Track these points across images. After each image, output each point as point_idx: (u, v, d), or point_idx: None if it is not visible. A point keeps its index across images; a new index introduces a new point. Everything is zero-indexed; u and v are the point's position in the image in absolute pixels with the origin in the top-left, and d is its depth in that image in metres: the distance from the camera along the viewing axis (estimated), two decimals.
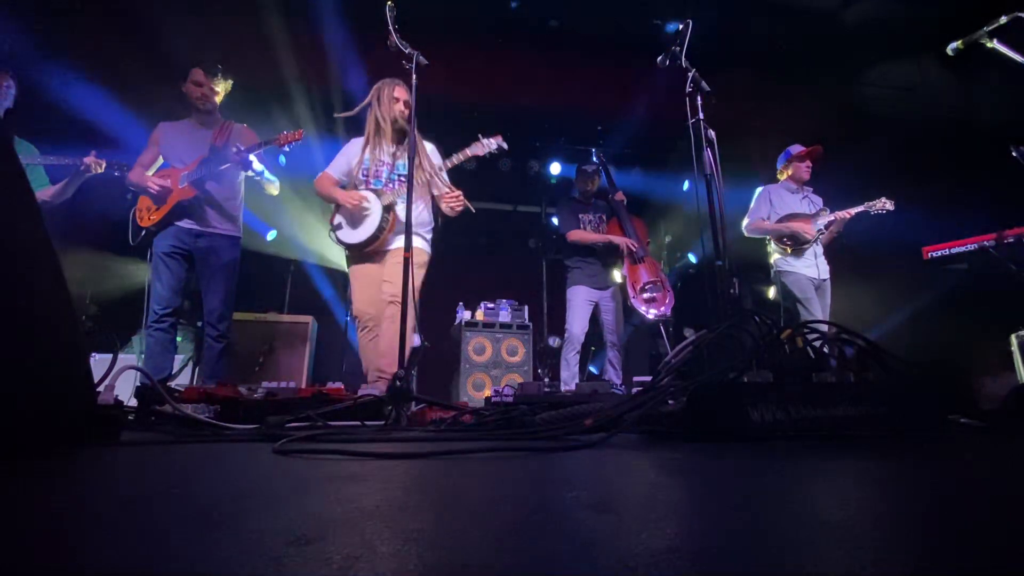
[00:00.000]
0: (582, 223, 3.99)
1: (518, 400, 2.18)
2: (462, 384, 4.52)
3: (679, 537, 0.41)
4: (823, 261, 3.72)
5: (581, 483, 0.70)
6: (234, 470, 0.86)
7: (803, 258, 3.69)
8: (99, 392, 1.38)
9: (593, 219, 4.02)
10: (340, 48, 4.55)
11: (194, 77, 3.10)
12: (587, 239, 3.91)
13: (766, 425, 1.18)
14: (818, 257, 3.71)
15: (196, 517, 0.49)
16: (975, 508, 0.52)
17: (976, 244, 3.31)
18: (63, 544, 0.40)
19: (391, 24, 2.44)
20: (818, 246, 3.73)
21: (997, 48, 2.49)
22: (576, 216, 4.01)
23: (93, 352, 3.45)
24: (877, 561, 0.34)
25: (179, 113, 3.24)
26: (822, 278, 3.68)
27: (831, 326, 1.52)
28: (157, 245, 2.99)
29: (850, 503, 0.56)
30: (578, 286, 3.88)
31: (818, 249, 3.74)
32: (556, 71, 5.06)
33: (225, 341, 3.01)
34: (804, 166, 3.89)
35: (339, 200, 2.79)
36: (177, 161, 3.05)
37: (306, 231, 5.79)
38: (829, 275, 3.72)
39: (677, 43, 2.69)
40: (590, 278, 3.88)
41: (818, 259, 3.71)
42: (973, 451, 1.06)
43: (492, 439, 1.24)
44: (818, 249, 3.74)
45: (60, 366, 0.98)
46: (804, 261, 3.68)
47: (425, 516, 0.48)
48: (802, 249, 3.67)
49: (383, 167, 2.85)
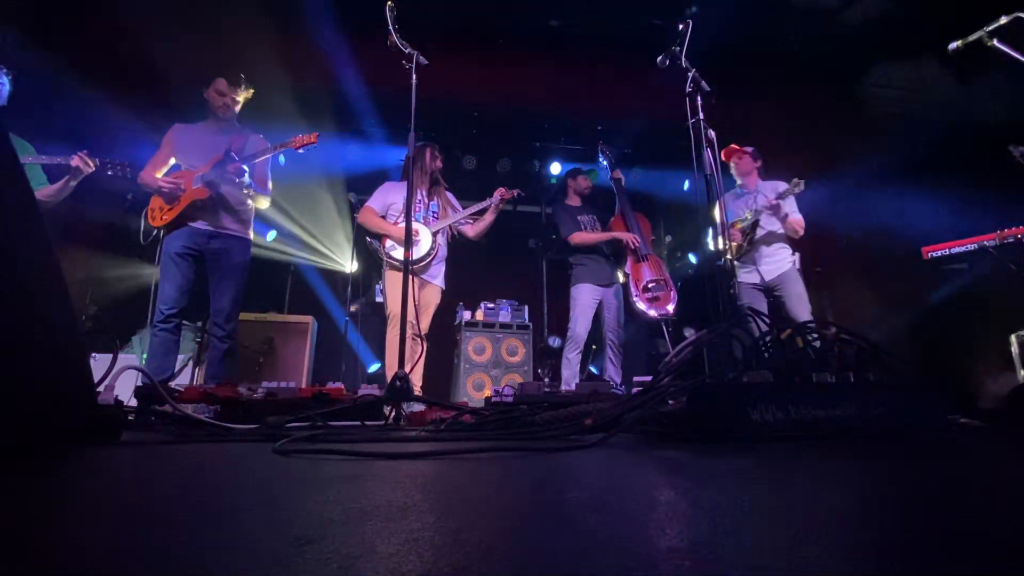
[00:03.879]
0: (583, 224, 3.99)
1: (518, 400, 2.18)
2: (462, 384, 4.52)
3: (679, 537, 0.41)
4: (771, 261, 3.54)
5: (581, 483, 0.70)
6: (234, 470, 0.86)
7: (744, 265, 3.56)
8: (99, 392, 1.38)
9: (588, 220, 4.01)
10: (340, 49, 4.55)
11: (217, 86, 3.14)
12: (591, 239, 3.89)
13: (766, 425, 1.18)
14: (760, 261, 3.54)
15: (196, 517, 0.49)
16: (975, 508, 0.52)
17: (976, 244, 3.30)
18: (63, 544, 0.39)
19: (391, 24, 2.44)
20: (764, 248, 3.56)
21: (997, 48, 2.49)
22: (576, 219, 4.01)
23: (93, 352, 3.44)
24: (877, 561, 0.34)
25: (195, 115, 3.26)
26: (767, 280, 3.52)
27: (831, 326, 1.52)
28: (168, 244, 2.97)
29: (850, 503, 0.56)
30: (583, 284, 3.84)
31: (764, 251, 3.56)
32: (556, 71, 5.06)
33: (231, 342, 3.01)
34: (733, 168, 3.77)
35: (392, 233, 3.39)
36: (190, 163, 3.04)
37: (306, 231, 5.80)
38: (787, 268, 3.51)
39: (677, 43, 2.69)
40: (595, 275, 3.85)
41: (760, 263, 3.54)
42: (973, 451, 1.06)
43: (492, 439, 1.24)
44: (764, 251, 3.56)
45: (60, 366, 0.98)
46: (745, 268, 3.56)
47: (425, 516, 0.48)
48: (743, 256, 3.52)
49: (420, 206, 3.55)
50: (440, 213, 3.59)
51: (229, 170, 2.95)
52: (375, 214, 3.52)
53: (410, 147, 2.52)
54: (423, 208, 3.55)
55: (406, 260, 2.45)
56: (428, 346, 3.30)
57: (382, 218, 3.52)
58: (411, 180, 2.49)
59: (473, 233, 3.67)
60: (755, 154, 3.80)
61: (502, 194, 3.56)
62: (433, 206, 3.61)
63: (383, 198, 3.60)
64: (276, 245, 5.49)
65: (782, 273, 3.54)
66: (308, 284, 5.88)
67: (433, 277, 3.54)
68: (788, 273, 3.54)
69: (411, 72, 2.51)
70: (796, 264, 3.60)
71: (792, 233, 3.55)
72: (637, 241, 3.79)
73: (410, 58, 2.50)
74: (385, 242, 3.45)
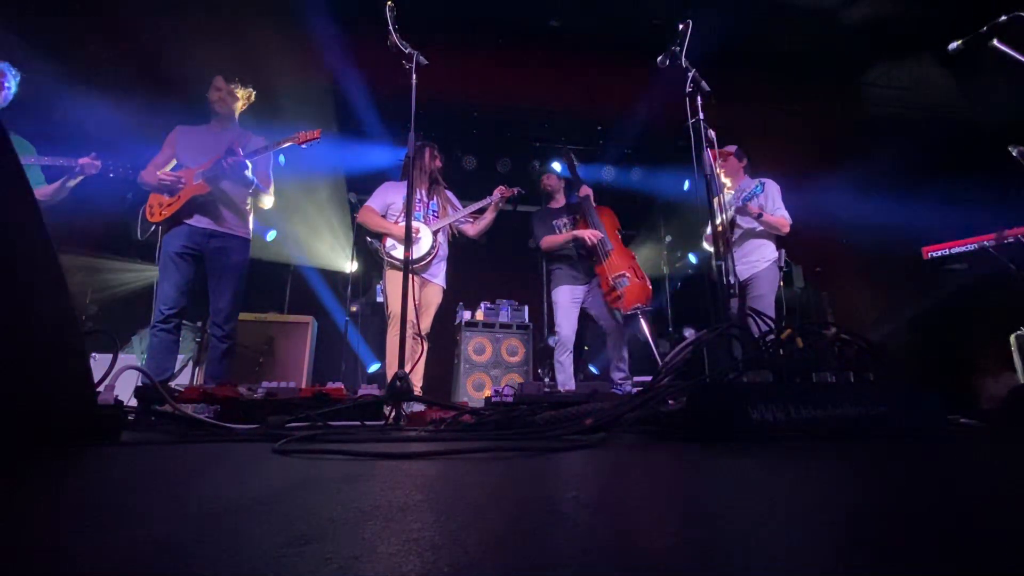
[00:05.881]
0: (556, 228, 3.94)
1: (518, 400, 2.18)
2: (462, 384, 4.52)
3: (679, 537, 0.41)
4: (747, 261, 3.48)
5: (581, 483, 0.70)
6: (234, 470, 0.86)
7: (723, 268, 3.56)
8: (99, 392, 1.38)
9: (562, 223, 3.95)
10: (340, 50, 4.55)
11: (215, 84, 3.20)
12: (557, 241, 3.85)
13: (766, 425, 1.18)
14: (741, 259, 3.48)
15: (196, 517, 0.49)
16: (974, 508, 0.52)
17: (976, 244, 3.31)
18: (63, 544, 0.39)
19: (391, 24, 2.44)
20: (743, 246, 3.51)
21: (997, 47, 2.49)
22: (549, 223, 3.94)
23: (93, 352, 3.44)
24: (877, 561, 0.34)
25: (199, 118, 3.28)
26: (741, 279, 3.40)
27: (831, 326, 1.52)
28: (167, 244, 2.97)
29: (850, 503, 0.56)
30: (561, 286, 3.81)
31: (745, 248, 3.51)
32: (556, 71, 5.06)
33: (230, 342, 3.01)
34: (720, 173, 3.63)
35: (392, 232, 3.41)
36: (191, 162, 3.04)
37: (306, 231, 5.80)
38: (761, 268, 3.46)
39: (677, 43, 2.69)
40: (571, 276, 3.80)
41: (738, 263, 3.42)
42: (973, 451, 1.06)
43: (492, 439, 1.24)
44: (745, 248, 3.51)
45: (60, 366, 0.98)
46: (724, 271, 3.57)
47: (425, 516, 0.48)
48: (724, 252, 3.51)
49: (420, 205, 3.56)
50: (440, 212, 3.62)
51: (230, 162, 2.95)
52: (375, 214, 3.55)
53: (410, 147, 2.52)
54: (423, 207, 3.58)
55: (406, 259, 2.45)
56: (428, 346, 3.30)
57: (382, 218, 3.55)
58: (411, 179, 2.49)
59: (474, 232, 3.69)
60: (739, 153, 3.73)
61: (502, 192, 3.59)
62: (433, 205, 3.64)
63: (383, 198, 3.62)
64: (276, 245, 5.49)
65: (755, 273, 3.47)
66: (308, 284, 5.87)
67: (434, 276, 3.55)
68: (761, 274, 3.47)
69: (411, 72, 2.51)
70: (776, 263, 3.49)
71: (773, 231, 3.47)
72: (596, 237, 3.67)
73: (410, 58, 2.50)
74: (385, 241, 3.47)
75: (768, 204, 3.50)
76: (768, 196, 3.51)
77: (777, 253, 3.52)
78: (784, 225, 3.46)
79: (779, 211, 3.50)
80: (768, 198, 3.51)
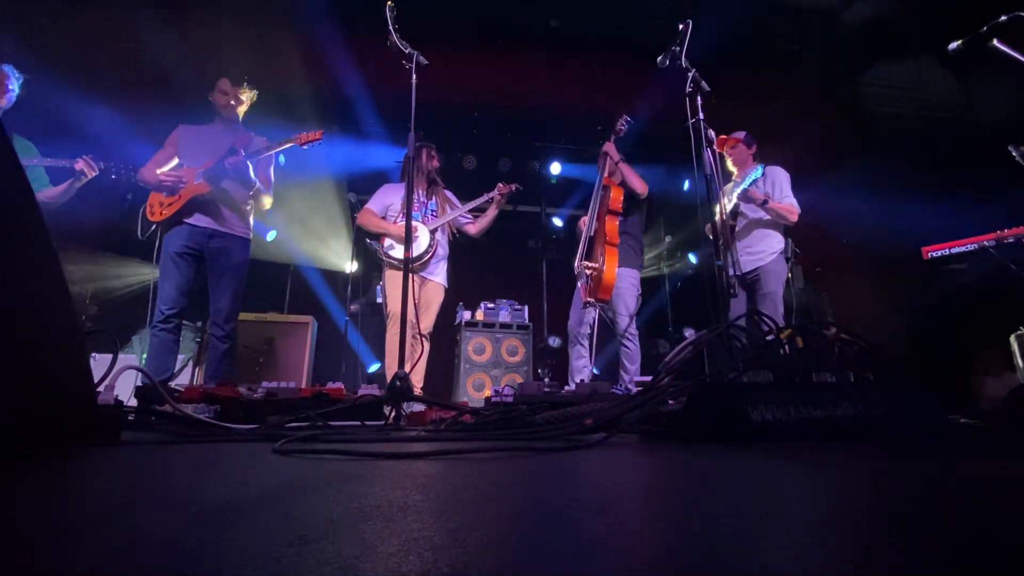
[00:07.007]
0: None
1: (518, 400, 2.18)
2: (462, 384, 4.52)
3: (679, 537, 0.41)
4: (751, 252, 3.36)
5: (581, 483, 0.70)
6: (234, 470, 0.86)
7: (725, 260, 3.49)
8: (99, 392, 1.38)
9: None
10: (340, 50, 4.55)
11: (221, 86, 3.21)
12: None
13: (766, 425, 1.18)
14: (741, 251, 3.36)
15: (196, 517, 0.49)
16: (973, 508, 0.52)
17: (976, 244, 3.31)
18: (63, 544, 0.40)
19: (391, 24, 2.44)
20: (748, 236, 3.41)
21: (997, 47, 2.49)
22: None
23: (93, 352, 3.44)
24: (877, 560, 0.34)
25: (201, 118, 3.28)
26: (744, 271, 3.32)
27: (831, 326, 1.52)
28: (168, 244, 2.96)
29: (850, 503, 0.56)
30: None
31: (750, 239, 3.41)
32: (556, 71, 5.06)
33: (230, 342, 3.01)
34: (728, 160, 3.60)
35: (390, 231, 3.45)
36: (193, 161, 3.04)
37: (306, 231, 5.79)
38: (767, 260, 3.32)
39: (677, 43, 2.69)
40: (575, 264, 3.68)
41: (741, 253, 3.34)
42: (973, 451, 1.06)
43: (492, 439, 1.24)
44: (750, 239, 3.41)
45: (60, 366, 0.98)
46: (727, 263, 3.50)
47: (425, 516, 0.48)
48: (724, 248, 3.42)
49: (418, 205, 3.57)
50: (439, 212, 3.64)
51: (231, 162, 2.95)
52: (373, 215, 3.59)
53: (410, 147, 2.52)
54: (422, 207, 3.61)
55: (405, 259, 2.45)
56: (428, 346, 3.30)
57: (381, 219, 3.58)
58: (410, 179, 2.49)
59: (475, 231, 3.72)
60: (748, 139, 3.60)
61: (500, 189, 3.63)
62: (432, 205, 3.67)
63: (382, 199, 3.66)
64: (276, 245, 5.49)
65: (760, 266, 3.33)
66: (308, 284, 5.87)
67: (433, 274, 3.57)
68: (767, 267, 3.32)
69: (411, 72, 2.51)
70: (783, 254, 3.36)
71: (780, 219, 3.34)
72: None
73: (410, 58, 2.50)
74: (384, 241, 3.50)
75: (775, 191, 3.36)
76: (774, 183, 3.38)
77: (784, 243, 3.39)
78: (792, 213, 3.30)
79: (787, 198, 3.34)
80: (774, 185, 3.37)
